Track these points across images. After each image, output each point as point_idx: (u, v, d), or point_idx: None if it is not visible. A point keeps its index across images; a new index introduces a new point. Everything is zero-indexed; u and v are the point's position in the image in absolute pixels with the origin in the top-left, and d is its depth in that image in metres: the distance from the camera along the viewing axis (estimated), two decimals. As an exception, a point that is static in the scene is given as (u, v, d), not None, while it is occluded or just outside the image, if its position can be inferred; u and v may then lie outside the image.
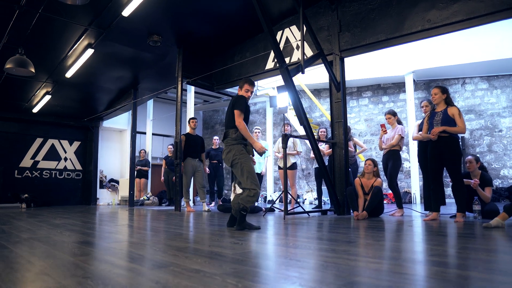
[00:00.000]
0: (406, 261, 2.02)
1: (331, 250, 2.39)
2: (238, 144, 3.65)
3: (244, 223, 3.66)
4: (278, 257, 2.23)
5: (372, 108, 10.95)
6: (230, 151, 3.66)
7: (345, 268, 1.85)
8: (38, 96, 9.88)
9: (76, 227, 4.26)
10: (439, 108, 4.56)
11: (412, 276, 1.70)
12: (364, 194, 5.12)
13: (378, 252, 2.34)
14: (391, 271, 1.79)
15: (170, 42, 7.38)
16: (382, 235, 3.22)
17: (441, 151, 4.41)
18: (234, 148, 3.65)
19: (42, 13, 5.92)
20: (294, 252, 2.33)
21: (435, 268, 1.84)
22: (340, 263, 1.97)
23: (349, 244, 2.63)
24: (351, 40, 5.83)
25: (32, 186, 11.44)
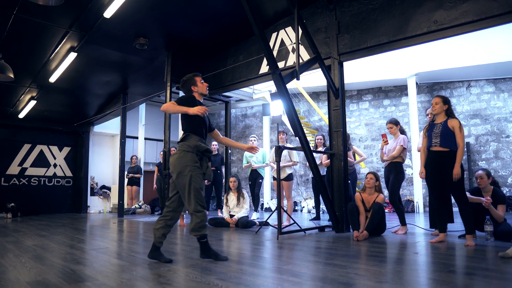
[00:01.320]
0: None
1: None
2: (192, 153, 3.09)
3: (210, 251, 3.16)
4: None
5: (373, 112, 10.51)
6: (182, 157, 3.09)
7: None
8: (23, 101, 9.45)
9: (44, 251, 3.81)
10: (438, 120, 4.14)
11: None
12: (365, 211, 4.69)
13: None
14: None
15: (158, 45, 6.95)
16: (383, 268, 2.78)
17: (441, 168, 3.99)
18: (187, 156, 3.08)
19: (17, 14, 5.49)
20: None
21: None
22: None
23: (348, 281, 2.19)
24: (351, 42, 5.40)
25: (19, 194, 11.00)
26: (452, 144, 3.95)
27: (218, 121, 14.51)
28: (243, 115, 13.57)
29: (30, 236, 5.26)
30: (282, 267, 2.96)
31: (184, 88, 3.40)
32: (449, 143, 3.96)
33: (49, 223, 7.63)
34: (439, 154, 4.01)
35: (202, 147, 3.12)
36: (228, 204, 6.36)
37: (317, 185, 5.54)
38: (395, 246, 4.02)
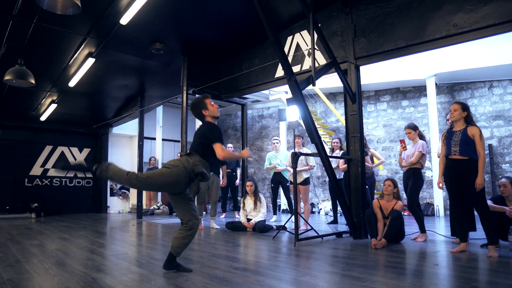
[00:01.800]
0: None
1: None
2: (186, 170, 3.05)
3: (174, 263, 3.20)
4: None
5: (391, 113, 10.35)
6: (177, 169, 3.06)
7: None
8: (44, 104, 9.67)
9: (67, 257, 3.90)
10: (457, 127, 4.05)
11: None
12: (383, 218, 4.63)
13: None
14: None
15: (174, 49, 7.00)
16: (402, 281, 2.75)
17: (460, 177, 3.92)
18: (181, 170, 3.05)
19: (37, 23, 5.61)
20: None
21: None
22: None
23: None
24: (367, 46, 5.32)
25: (42, 195, 11.28)
26: (472, 152, 3.87)
27: (235, 122, 14.54)
28: (260, 115, 13.56)
29: (53, 239, 5.39)
30: (299, 279, 2.96)
31: (194, 111, 3.35)
32: (469, 152, 3.88)
33: (70, 224, 7.80)
34: (458, 163, 3.93)
35: (198, 170, 3.05)
36: (245, 208, 6.38)
37: (334, 190, 5.49)
38: (414, 255, 3.96)
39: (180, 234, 3.13)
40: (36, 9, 5.20)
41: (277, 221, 7.86)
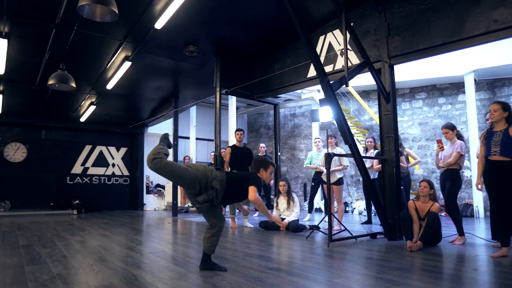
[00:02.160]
0: None
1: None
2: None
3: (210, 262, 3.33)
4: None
5: (427, 111, 10.07)
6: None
7: None
8: (84, 106, 10.11)
9: (109, 253, 4.10)
10: (498, 127, 3.92)
11: None
12: (419, 219, 4.55)
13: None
14: None
15: (207, 51, 7.13)
16: (439, 286, 2.71)
17: (501, 179, 3.79)
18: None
19: (78, 30, 5.89)
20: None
21: None
22: None
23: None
24: (402, 45, 5.22)
25: (82, 192, 11.82)
26: None
27: (267, 120, 14.60)
28: (292, 114, 13.56)
29: (94, 236, 5.65)
30: (333, 280, 2.98)
31: (255, 165, 3.46)
32: (510, 153, 3.75)
33: (110, 221, 8.13)
34: (498, 164, 3.82)
35: (214, 184, 3.17)
36: (279, 207, 6.43)
37: (369, 191, 5.43)
38: (452, 259, 3.88)
39: (208, 234, 3.29)
40: (76, 17, 5.47)
41: (311, 220, 7.86)
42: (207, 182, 3.15)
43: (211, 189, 3.16)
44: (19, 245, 4.76)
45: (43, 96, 9.08)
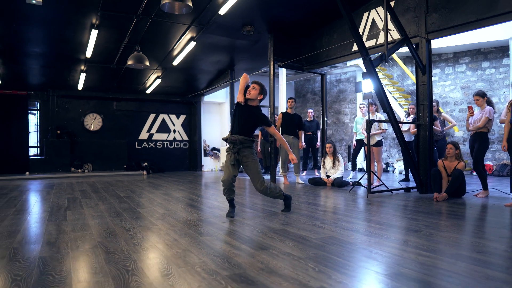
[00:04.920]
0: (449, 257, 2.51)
1: (405, 242, 2.95)
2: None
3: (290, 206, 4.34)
4: (352, 244, 2.86)
5: (470, 75, 10.38)
6: (253, 153, 4.09)
7: (422, 265, 2.43)
8: (150, 80, 11.42)
9: (193, 202, 5.34)
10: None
11: (451, 271, 2.21)
12: (447, 176, 5.36)
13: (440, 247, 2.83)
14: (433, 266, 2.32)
15: (261, 29, 7.99)
16: (449, 221, 3.63)
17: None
18: (255, 151, 4.14)
19: (154, 18, 6.97)
20: (368, 241, 2.94)
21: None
22: (414, 259, 2.54)
23: (425, 236, 3.14)
24: (439, 21, 5.81)
25: (149, 156, 13.43)
26: None
27: (313, 86, 15.31)
28: (337, 80, 14.17)
29: (173, 190, 6.98)
30: (369, 218, 3.97)
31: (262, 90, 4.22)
32: None
33: (179, 179, 9.54)
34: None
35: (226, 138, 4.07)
36: (325, 166, 7.42)
37: (404, 151, 6.24)
38: (469, 206, 4.72)
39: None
40: (154, 8, 6.52)
41: (354, 178, 8.79)
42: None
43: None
44: (121, 196, 6.13)
45: (117, 73, 10.46)
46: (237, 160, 4.06)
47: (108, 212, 4.45)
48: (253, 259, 2.48)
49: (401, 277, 2.09)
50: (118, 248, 2.81)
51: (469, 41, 9.81)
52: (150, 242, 3.01)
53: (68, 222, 3.88)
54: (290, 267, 2.31)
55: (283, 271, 2.23)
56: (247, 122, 4.06)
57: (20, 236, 3.28)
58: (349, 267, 2.30)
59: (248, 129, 4.08)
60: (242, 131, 4.03)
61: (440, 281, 2.03)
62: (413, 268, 2.23)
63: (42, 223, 3.84)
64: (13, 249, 2.84)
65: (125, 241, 3.02)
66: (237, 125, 4.06)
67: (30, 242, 3.05)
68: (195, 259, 2.51)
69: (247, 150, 4.05)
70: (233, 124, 4.14)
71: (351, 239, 3.00)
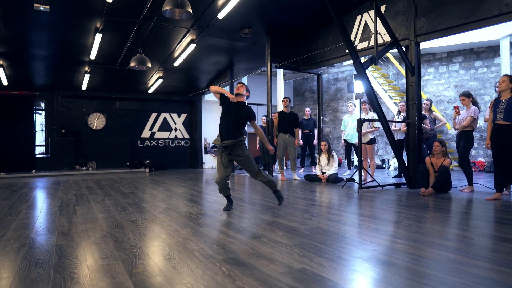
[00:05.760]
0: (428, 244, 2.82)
1: (387, 232, 3.26)
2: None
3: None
4: (337, 234, 3.17)
5: (463, 74, 10.66)
6: (244, 149, 4.36)
7: (412, 261, 2.74)
8: (152, 80, 11.73)
9: (194, 197, 5.67)
10: (504, 96, 4.85)
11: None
12: (434, 172, 5.67)
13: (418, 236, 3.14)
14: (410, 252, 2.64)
15: (259, 32, 8.29)
16: (429, 214, 3.94)
17: (502, 139, 4.79)
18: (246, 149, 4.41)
19: (155, 22, 7.27)
20: (353, 231, 3.25)
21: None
22: (394, 247, 2.85)
23: (408, 227, 3.46)
24: (427, 25, 6.10)
25: (151, 153, 13.75)
26: None
27: (312, 85, 15.60)
28: (335, 79, 14.46)
29: (175, 186, 7.30)
30: (358, 211, 4.29)
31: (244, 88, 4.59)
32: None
33: (181, 176, 9.86)
34: (502, 127, 4.80)
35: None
36: (320, 163, 7.72)
37: (393, 149, 6.54)
38: (454, 201, 5.02)
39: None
40: (155, 13, 6.83)
41: (350, 175, 9.09)
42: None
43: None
44: (125, 192, 6.46)
45: (120, 74, 10.78)
46: (230, 160, 4.34)
47: (114, 207, 4.77)
48: (246, 246, 2.80)
49: (380, 262, 2.40)
50: (125, 237, 3.14)
51: (463, 41, 10.08)
52: (154, 232, 3.33)
53: (78, 215, 4.20)
54: (277, 252, 2.62)
55: (271, 255, 2.55)
56: (238, 117, 4.30)
57: (36, 228, 3.61)
58: (330, 253, 2.61)
59: (238, 125, 4.30)
60: (232, 134, 4.24)
61: (422, 268, 2.33)
62: (394, 256, 2.52)
63: (54, 217, 4.16)
64: (32, 238, 3.16)
65: (131, 232, 3.34)
66: (226, 128, 4.27)
67: (46, 233, 3.37)
68: (194, 246, 2.83)
69: (239, 148, 4.31)
70: (222, 129, 4.33)
71: (337, 230, 3.31)
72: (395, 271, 2.18)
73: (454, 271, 2.17)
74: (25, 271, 2.31)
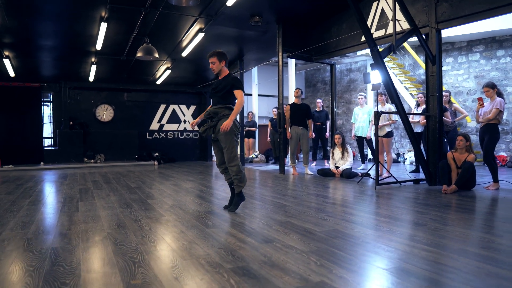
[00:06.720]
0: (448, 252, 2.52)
1: (410, 237, 2.97)
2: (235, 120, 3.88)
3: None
4: (356, 238, 2.89)
5: (484, 64, 10.18)
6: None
7: (428, 264, 2.45)
8: (160, 71, 11.48)
9: (202, 193, 5.43)
10: None
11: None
12: (457, 168, 5.32)
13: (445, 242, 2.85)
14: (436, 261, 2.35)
15: (270, 20, 7.93)
16: (456, 215, 3.63)
17: None
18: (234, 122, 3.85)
19: (162, 11, 6.98)
20: (373, 235, 2.97)
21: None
22: (418, 254, 2.57)
23: (432, 231, 3.16)
24: (449, 11, 5.71)
25: (160, 146, 13.55)
26: None
27: (324, 76, 15.20)
28: (348, 69, 14.04)
29: (183, 181, 7.07)
30: (376, 211, 3.99)
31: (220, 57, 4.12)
32: None
33: (189, 170, 9.64)
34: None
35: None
36: (334, 157, 7.41)
37: (412, 143, 6.19)
38: (479, 199, 4.69)
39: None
40: (162, 1, 6.54)
41: (364, 169, 8.77)
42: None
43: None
44: (131, 187, 6.24)
45: (127, 65, 10.54)
46: (217, 140, 3.98)
47: (118, 203, 4.55)
48: (257, 252, 2.54)
49: (403, 272, 2.12)
50: (126, 239, 2.90)
51: (484, 29, 9.59)
52: (158, 234, 3.09)
53: (80, 213, 3.99)
54: (292, 260, 2.35)
55: (285, 264, 2.28)
56: (222, 89, 3.96)
57: (34, 226, 3.39)
58: (351, 262, 2.34)
59: (224, 96, 3.96)
60: (216, 103, 4.03)
61: (442, 277, 2.05)
62: (416, 264, 2.25)
63: (55, 214, 3.95)
64: (27, 239, 2.95)
65: (133, 233, 3.10)
66: (214, 103, 4.09)
67: (43, 233, 3.16)
68: (200, 251, 2.58)
69: (223, 120, 3.87)
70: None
71: (355, 233, 3.03)
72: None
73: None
74: (11, 281, 2.08)
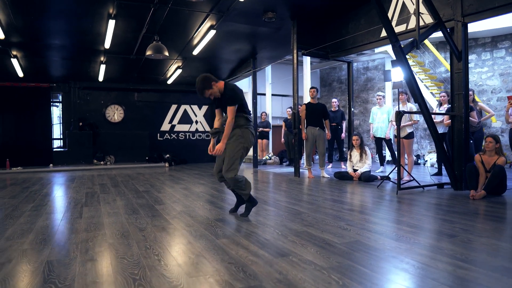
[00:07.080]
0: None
1: (439, 250, 2.64)
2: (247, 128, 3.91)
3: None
4: (381, 251, 2.57)
5: (510, 61, 9.67)
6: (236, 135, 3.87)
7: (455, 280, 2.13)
8: (171, 70, 11.27)
9: (213, 198, 5.15)
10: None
11: None
12: (485, 172, 4.94)
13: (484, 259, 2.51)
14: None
15: (284, 16, 7.62)
16: (489, 225, 3.28)
17: None
18: (246, 132, 3.89)
19: (172, 7, 6.74)
20: (398, 248, 2.65)
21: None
22: (449, 271, 2.24)
23: (462, 243, 2.82)
24: (477, 3, 5.32)
25: (171, 147, 13.33)
26: None
27: (339, 75, 14.81)
28: (365, 68, 13.63)
29: (194, 184, 6.82)
30: (399, 219, 3.66)
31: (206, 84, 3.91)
32: None
33: (201, 172, 9.39)
34: None
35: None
36: (352, 159, 7.07)
37: (437, 145, 5.82)
38: (510, 206, 4.31)
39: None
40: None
41: (383, 172, 8.40)
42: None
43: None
44: (139, 190, 6.01)
45: (137, 64, 10.35)
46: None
47: (124, 209, 4.31)
48: (271, 268, 2.25)
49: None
50: (128, 252, 2.64)
51: (510, 24, 9.09)
52: (163, 245, 2.82)
53: (83, 220, 3.76)
54: (311, 279, 2.07)
55: (303, 284, 2.00)
56: (226, 104, 3.89)
57: (33, 235, 3.17)
58: (376, 280, 2.04)
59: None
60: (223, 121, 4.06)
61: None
62: (448, 283, 1.95)
63: (56, 222, 3.73)
64: (23, 251, 2.72)
65: (137, 244, 2.84)
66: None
67: (40, 243, 2.93)
68: (208, 267, 2.30)
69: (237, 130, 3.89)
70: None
71: (379, 245, 2.71)
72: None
73: None
74: (-9, 305, 1.84)
